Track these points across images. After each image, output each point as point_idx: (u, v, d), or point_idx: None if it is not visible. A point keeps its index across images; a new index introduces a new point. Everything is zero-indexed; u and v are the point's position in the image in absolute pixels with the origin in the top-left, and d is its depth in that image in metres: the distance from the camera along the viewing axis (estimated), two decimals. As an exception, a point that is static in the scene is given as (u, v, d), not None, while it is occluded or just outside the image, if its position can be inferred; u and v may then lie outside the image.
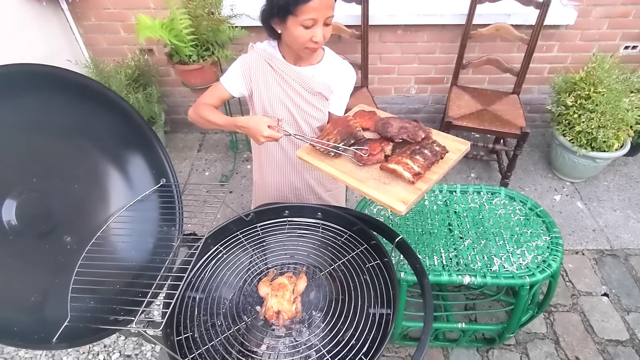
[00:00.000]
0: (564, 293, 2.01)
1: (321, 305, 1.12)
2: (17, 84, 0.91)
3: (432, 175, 1.08)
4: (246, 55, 1.30)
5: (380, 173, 1.12)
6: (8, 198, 0.90)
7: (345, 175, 1.12)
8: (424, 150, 1.09)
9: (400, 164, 1.07)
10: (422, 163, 1.07)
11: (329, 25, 1.16)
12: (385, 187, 1.07)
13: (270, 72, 1.28)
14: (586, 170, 2.44)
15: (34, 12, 2.12)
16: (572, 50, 2.50)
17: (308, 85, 1.29)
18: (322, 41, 1.17)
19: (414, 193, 1.04)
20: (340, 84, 1.35)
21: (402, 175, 1.05)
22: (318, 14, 1.10)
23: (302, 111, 1.33)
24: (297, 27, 1.13)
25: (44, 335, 0.83)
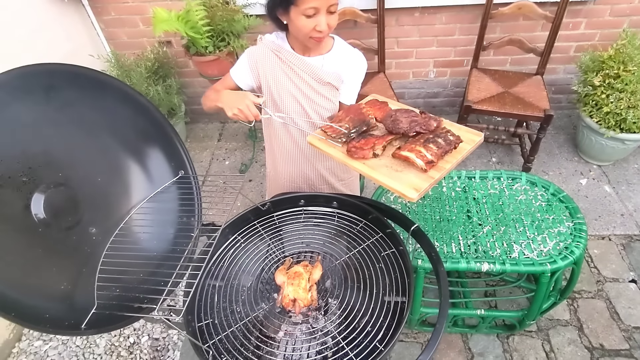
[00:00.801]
0: (589, 279, 1.97)
1: (337, 293, 1.14)
2: (43, 83, 0.96)
3: (445, 164, 1.07)
4: (254, 48, 1.30)
5: (392, 161, 1.11)
6: (37, 192, 0.95)
7: (357, 162, 1.12)
8: (438, 139, 1.08)
9: (414, 151, 1.06)
10: (436, 151, 1.05)
11: (334, 14, 1.15)
12: (397, 174, 1.07)
13: (279, 63, 1.28)
14: (615, 152, 2.35)
15: (56, 10, 2.18)
16: (600, 26, 2.38)
17: (317, 76, 1.28)
18: (327, 30, 1.15)
19: (426, 181, 1.03)
20: (351, 73, 1.33)
21: (415, 163, 1.05)
22: (319, 2, 1.09)
23: (312, 102, 1.32)
24: (300, 17, 1.12)
25: (74, 322, 0.88)
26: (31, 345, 1.89)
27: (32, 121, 0.94)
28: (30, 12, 2.03)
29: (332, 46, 1.31)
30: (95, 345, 1.86)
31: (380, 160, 1.12)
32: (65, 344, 1.88)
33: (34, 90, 0.93)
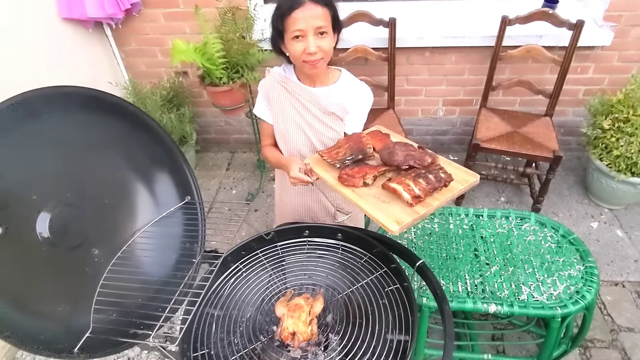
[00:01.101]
0: (602, 327, 1.88)
1: (338, 329, 1.10)
2: (60, 104, 0.99)
3: (433, 201, 1.05)
4: (263, 80, 1.37)
5: (381, 192, 1.11)
6: (43, 211, 0.96)
7: (346, 189, 1.13)
8: (429, 175, 1.08)
9: (402, 184, 1.06)
10: (424, 187, 1.05)
11: (325, 37, 1.18)
12: (383, 205, 1.07)
13: (285, 94, 1.32)
14: (626, 196, 2.31)
15: (81, 38, 2.28)
16: (609, 71, 2.41)
17: (321, 106, 1.31)
18: (317, 51, 1.17)
19: (410, 215, 1.02)
20: (356, 104, 1.35)
21: (402, 196, 1.05)
22: (304, 24, 1.13)
23: (317, 131, 1.34)
24: (291, 43, 1.17)
25: (67, 345, 0.86)
26: (23, 370, 1.84)
27: (48, 140, 0.96)
28: (57, 40, 2.13)
29: (339, 78, 1.35)
30: (88, 372, 1.81)
31: (370, 189, 1.12)
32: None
33: (51, 110, 0.96)
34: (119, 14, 2.22)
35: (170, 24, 2.43)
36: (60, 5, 2.10)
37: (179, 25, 2.43)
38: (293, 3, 1.12)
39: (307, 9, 1.12)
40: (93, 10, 2.11)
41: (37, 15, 2.00)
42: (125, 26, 2.43)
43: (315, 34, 1.16)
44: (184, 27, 2.44)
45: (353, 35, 2.26)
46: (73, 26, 2.21)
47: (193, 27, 2.39)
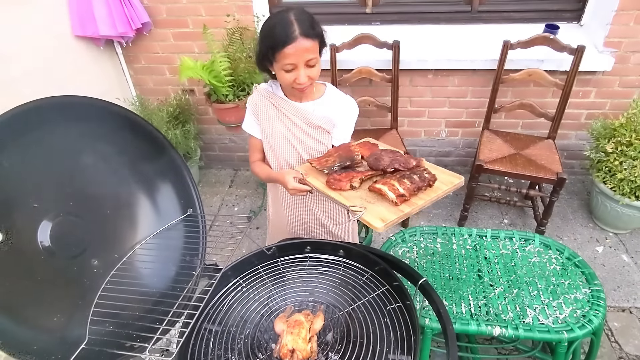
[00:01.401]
0: (610, 355, 1.83)
1: (338, 347, 1.08)
2: (65, 114, 1.00)
3: (417, 200, 1.09)
4: (251, 96, 1.39)
5: (368, 193, 1.15)
6: (45, 220, 0.95)
7: (334, 192, 1.16)
8: (413, 176, 1.12)
9: (387, 184, 1.09)
10: (409, 186, 1.08)
11: (314, 67, 1.20)
12: (369, 205, 1.10)
13: (273, 109, 1.34)
14: (631, 220, 2.29)
15: (91, 55, 2.34)
16: (610, 96, 2.44)
17: (308, 120, 1.33)
18: (307, 82, 1.21)
19: (395, 213, 1.06)
20: (342, 117, 1.38)
21: (387, 196, 1.08)
22: (296, 59, 1.15)
23: (305, 144, 1.37)
24: (281, 72, 1.20)
25: (61, 357, 0.84)
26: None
27: (51, 149, 0.97)
28: (69, 56, 2.18)
29: (324, 92, 1.37)
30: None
31: (357, 192, 1.16)
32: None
33: (56, 119, 0.97)
34: (130, 32, 2.28)
35: (180, 44, 2.49)
36: (74, 23, 2.16)
37: (188, 45, 2.49)
38: (286, 38, 1.13)
39: (299, 44, 1.13)
40: (105, 28, 2.17)
41: (51, 31, 2.06)
42: (135, 44, 2.49)
43: (306, 66, 1.18)
44: (193, 47, 2.49)
45: (358, 57, 2.30)
46: (85, 43, 2.27)
47: (201, 46, 2.45)
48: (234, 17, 2.27)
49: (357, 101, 2.10)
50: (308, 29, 1.15)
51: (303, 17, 1.16)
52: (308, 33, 1.14)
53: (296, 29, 1.13)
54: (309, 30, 1.15)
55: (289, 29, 1.13)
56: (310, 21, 1.17)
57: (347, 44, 2.25)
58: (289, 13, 1.16)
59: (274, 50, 1.16)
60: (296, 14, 1.16)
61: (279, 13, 1.18)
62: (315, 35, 1.17)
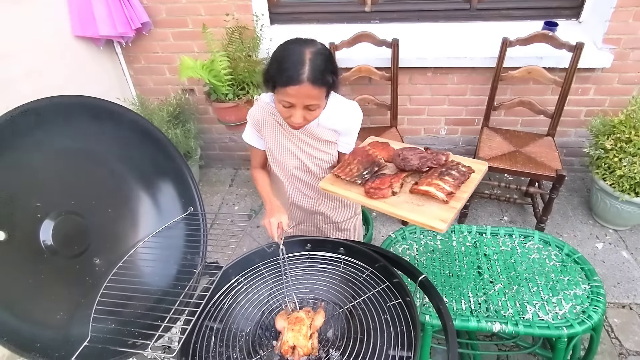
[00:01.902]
0: (610, 351, 1.84)
1: (339, 344, 1.08)
2: (67, 113, 1.01)
3: (462, 194, 1.11)
4: (252, 110, 1.34)
5: (411, 196, 1.14)
6: (47, 219, 0.96)
7: (377, 202, 1.13)
8: (452, 171, 1.13)
9: (432, 185, 1.10)
10: (453, 183, 1.10)
11: (315, 109, 1.15)
12: (419, 208, 1.10)
13: (276, 125, 1.30)
14: (631, 217, 2.29)
15: (91, 55, 2.35)
16: (609, 93, 2.44)
17: (314, 135, 1.30)
18: (301, 123, 1.16)
19: (449, 211, 1.06)
20: (347, 126, 1.33)
21: (435, 196, 1.08)
22: (296, 101, 1.10)
23: (311, 157, 1.35)
24: (278, 103, 1.15)
25: (64, 354, 0.85)
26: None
27: (53, 148, 0.97)
28: (68, 56, 2.19)
29: (327, 104, 1.29)
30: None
31: (399, 197, 1.14)
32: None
33: (57, 118, 0.98)
34: (129, 32, 2.29)
35: (179, 43, 2.49)
36: (74, 23, 2.16)
37: (188, 44, 2.49)
38: (291, 78, 1.06)
39: (303, 88, 1.07)
40: (105, 28, 2.17)
41: (50, 31, 2.07)
42: (135, 44, 2.49)
43: (305, 108, 1.13)
44: (193, 46, 2.50)
45: (357, 55, 2.31)
46: (85, 43, 2.28)
47: (201, 46, 2.45)
48: (233, 17, 2.27)
49: (357, 100, 2.11)
50: (318, 74, 1.07)
51: (319, 58, 1.08)
52: (316, 80, 1.07)
53: (305, 72, 1.05)
54: (318, 77, 1.07)
55: (298, 69, 1.05)
56: (324, 65, 1.09)
57: (346, 42, 2.25)
58: (306, 48, 1.08)
59: (276, 83, 1.10)
60: (313, 52, 1.08)
61: (297, 43, 1.11)
62: (323, 83, 1.10)
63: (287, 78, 1.06)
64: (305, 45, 1.09)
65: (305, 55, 1.07)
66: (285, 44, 1.13)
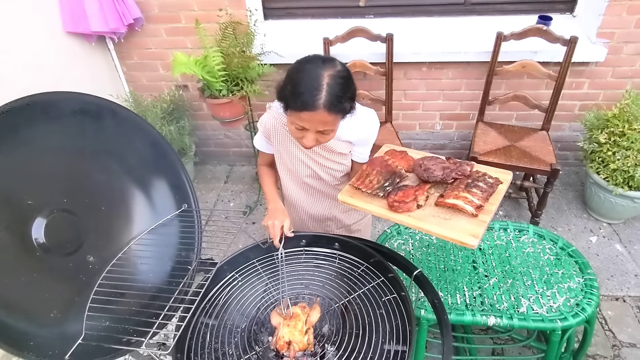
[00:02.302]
0: (604, 343, 1.86)
1: (334, 339, 1.09)
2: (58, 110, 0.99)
3: (490, 206, 1.06)
4: (263, 117, 1.31)
5: (437, 209, 1.08)
6: (39, 217, 0.95)
7: (401, 216, 1.08)
8: (479, 183, 1.09)
9: (460, 198, 1.05)
10: (481, 195, 1.06)
11: (328, 134, 1.10)
12: (448, 222, 1.05)
13: (288, 136, 1.26)
14: (625, 210, 2.31)
15: (83, 51, 2.32)
16: (603, 87, 2.45)
17: (327, 147, 1.26)
18: (313, 145, 1.12)
19: (480, 226, 1.02)
20: (364, 137, 1.28)
21: (464, 209, 1.03)
22: (309, 125, 1.05)
23: (324, 167, 1.32)
24: (290, 124, 1.10)
25: (58, 352, 0.84)
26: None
27: (44, 145, 0.96)
28: (60, 52, 2.16)
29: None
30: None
31: (425, 210, 1.09)
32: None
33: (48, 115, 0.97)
34: (121, 28, 2.26)
35: (172, 39, 2.47)
36: (65, 19, 2.14)
37: (181, 40, 2.47)
38: (305, 105, 1.00)
39: (317, 115, 1.01)
40: (97, 24, 2.15)
41: (41, 28, 2.04)
42: (127, 40, 2.47)
43: (318, 132, 1.08)
44: (186, 42, 2.48)
45: (351, 50, 2.30)
46: (76, 39, 2.25)
47: (194, 42, 2.43)
48: (226, 12, 2.25)
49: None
50: (335, 101, 1.01)
51: (337, 83, 1.01)
52: (332, 107, 1.01)
53: (321, 98, 0.99)
54: (334, 104, 1.01)
55: (314, 94, 0.99)
56: (341, 92, 1.02)
57: (341, 37, 2.24)
58: (324, 71, 1.01)
59: (290, 106, 1.05)
60: (331, 76, 1.01)
61: (315, 64, 1.03)
62: (340, 110, 1.04)
63: (301, 103, 1.00)
64: (324, 67, 1.01)
65: (322, 80, 1.00)
66: (302, 63, 1.06)
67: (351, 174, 1.38)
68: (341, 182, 1.40)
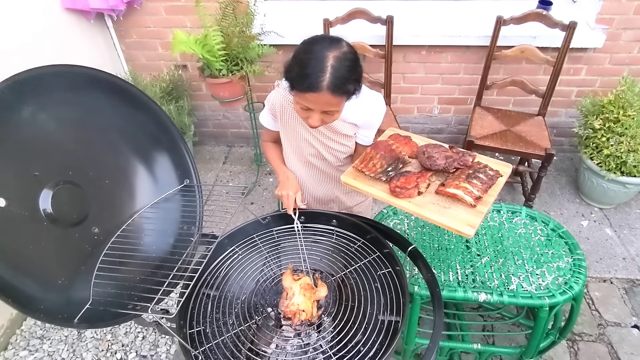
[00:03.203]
0: (590, 322, 1.92)
1: (331, 310, 1.13)
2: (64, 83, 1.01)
3: (489, 198, 1.09)
4: (271, 94, 1.32)
5: (437, 197, 1.11)
6: (46, 188, 0.98)
7: (402, 201, 1.10)
8: (479, 175, 1.11)
9: (460, 188, 1.08)
10: (481, 187, 1.09)
11: (333, 114, 1.11)
12: (446, 211, 1.08)
13: (294, 115, 1.27)
14: (617, 196, 2.36)
15: (82, 29, 2.31)
16: (600, 73, 2.47)
17: (332, 128, 1.28)
18: (319, 125, 1.13)
19: (477, 216, 1.05)
20: (369, 121, 1.29)
21: (463, 200, 1.06)
22: (313, 106, 1.07)
23: (329, 148, 1.34)
24: (296, 103, 1.12)
25: (67, 316, 0.88)
26: (16, 355, 1.85)
27: (50, 118, 0.98)
28: (58, 29, 2.15)
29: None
30: (80, 358, 1.82)
31: (425, 197, 1.12)
32: (50, 355, 1.84)
33: (55, 88, 0.98)
34: (120, 5, 2.25)
35: (172, 17, 2.46)
36: (63, -5, 2.12)
37: (180, 19, 2.46)
38: (310, 85, 1.00)
39: (321, 96, 1.02)
40: (96, 1, 2.13)
41: (39, 4, 2.02)
42: (126, 18, 2.46)
43: (323, 113, 1.09)
44: (185, 21, 2.46)
45: (351, 32, 2.30)
46: (75, 16, 2.24)
47: (194, 21, 2.42)
48: (226, -10, 2.24)
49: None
50: (339, 83, 1.01)
51: (342, 65, 1.01)
52: (336, 89, 1.01)
53: (325, 79, 0.99)
54: (338, 86, 1.01)
55: (318, 76, 0.99)
56: (347, 73, 1.02)
57: (341, 19, 2.24)
58: (329, 52, 1.00)
59: (294, 85, 1.05)
60: (337, 58, 1.00)
61: (321, 45, 1.02)
62: (344, 92, 1.04)
63: (306, 85, 1.01)
64: (330, 48, 1.01)
65: (327, 61, 0.99)
66: (308, 43, 1.05)
67: (354, 156, 1.41)
68: (344, 163, 1.43)
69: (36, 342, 1.89)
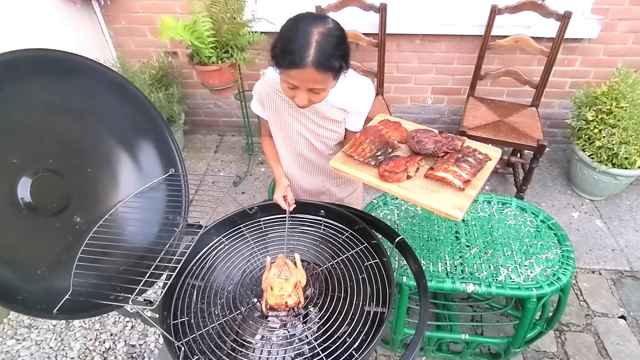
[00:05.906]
0: (578, 312, 1.94)
1: (317, 301, 1.13)
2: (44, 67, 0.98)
3: (477, 181, 1.09)
4: (257, 84, 1.31)
5: (426, 181, 1.11)
6: (24, 176, 0.95)
7: (391, 185, 1.10)
8: (468, 158, 1.11)
9: (449, 172, 1.07)
10: (469, 170, 1.08)
11: (320, 92, 1.09)
12: (435, 194, 1.07)
13: (282, 103, 1.27)
14: (607, 187, 2.36)
15: (68, 14, 2.25)
16: (595, 65, 2.45)
17: (321, 113, 1.26)
18: (305, 105, 1.11)
19: (466, 199, 1.05)
20: (357, 106, 1.28)
21: (452, 183, 1.06)
22: (299, 83, 1.05)
23: (318, 135, 1.32)
24: (282, 82, 1.10)
25: (46, 306, 0.86)
26: (3, 344, 1.83)
27: (29, 104, 0.95)
28: (43, 14, 2.09)
29: (336, 82, 1.18)
30: (69, 348, 1.81)
31: (414, 181, 1.11)
32: (38, 344, 1.83)
33: (32, 73, 0.95)
34: (107, -11, 2.19)
35: (161, 3, 2.40)
36: (47, -23, 2.06)
37: (170, 4, 2.41)
38: (294, 61, 0.99)
39: (306, 72, 1.00)
40: (81, -16, 2.08)
41: (23, -14, 1.97)
42: (114, 3, 2.40)
43: (309, 91, 1.07)
44: (174, 7, 2.41)
45: (344, 20, 2.24)
46: (60, 0, 2.17)
47: (183, 6, 2.36)
48: (217, -25, 2.18)
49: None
50: (323, 59, 0.99)
51: (327, 41, 0.99)
52: (320, 65, 1.00)
53: (310, 55, 0.98)
54: (323, 62, 1.00)
55: (302, 51, 0.98)
56: (332, 49, 1.00)
57: (333, 6, 2.20)
58: (314, 28, 0.99)
59: (279, 63, 1.04)
60: (322, 34, 0.99)
61: (306, 21, 1.01)
62: (329, 68, 1.02)
63: (290, 61, 0.99)
64: (315, 25, 1.00)
65: (312, 37, 0.98)
66: (293, 20, 1.04)
67: (344, 142, 1.39)
68: (334, 151, 1.41)
69: (24, 331, 1.87)
